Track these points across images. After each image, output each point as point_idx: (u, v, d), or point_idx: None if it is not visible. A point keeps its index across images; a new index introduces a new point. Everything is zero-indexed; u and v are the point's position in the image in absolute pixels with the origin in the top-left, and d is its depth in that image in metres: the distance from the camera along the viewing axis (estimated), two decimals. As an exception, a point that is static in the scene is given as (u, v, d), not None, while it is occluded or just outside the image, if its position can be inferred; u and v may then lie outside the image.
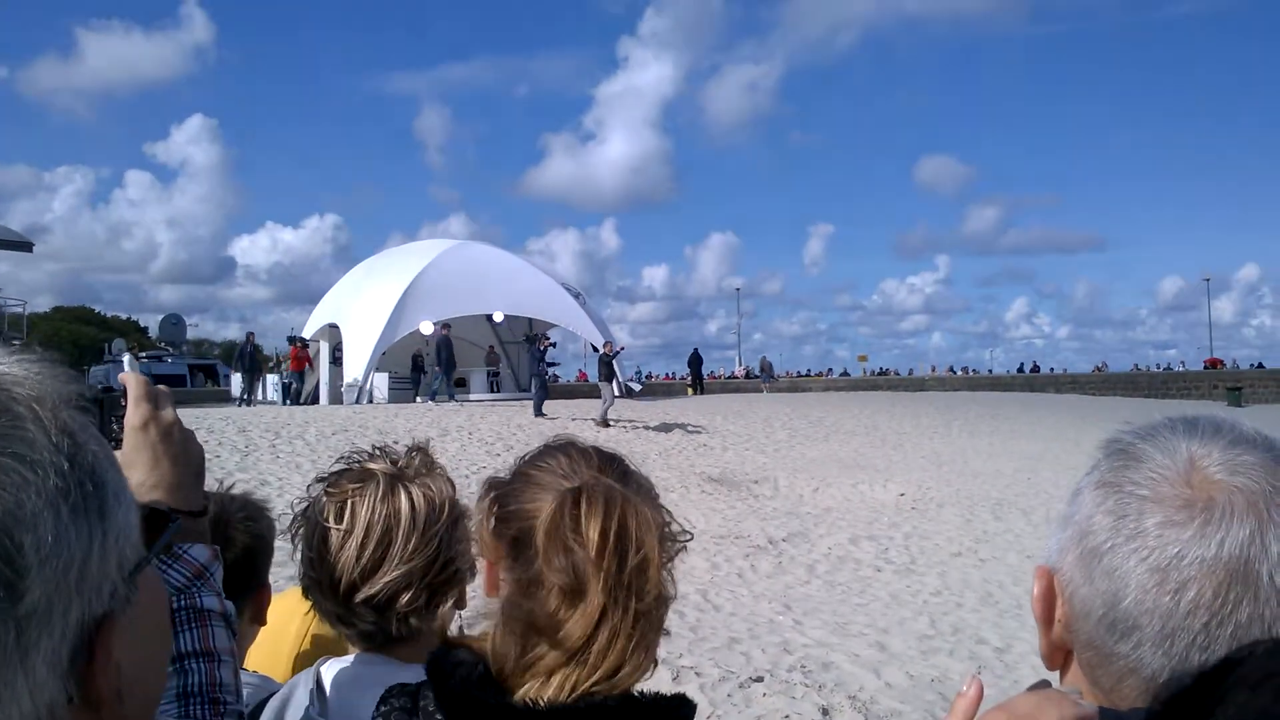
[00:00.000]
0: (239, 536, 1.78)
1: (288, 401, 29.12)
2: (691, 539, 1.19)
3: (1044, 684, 0.92)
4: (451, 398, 26.82)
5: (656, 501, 1.16)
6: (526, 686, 1.05)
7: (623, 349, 25.84)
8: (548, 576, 1.05)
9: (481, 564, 1.16)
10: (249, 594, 1.82)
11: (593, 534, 1.03)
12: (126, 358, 35.19)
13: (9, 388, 0.59)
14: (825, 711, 6.15)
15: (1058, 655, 0.95)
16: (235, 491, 1.97)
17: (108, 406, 1.16)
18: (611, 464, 1.18)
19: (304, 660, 1.97)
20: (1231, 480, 0.84)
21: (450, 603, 1.53)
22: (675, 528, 1.15)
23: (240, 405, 27.14)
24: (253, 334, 31.66)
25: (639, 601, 1.04)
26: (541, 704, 1.02)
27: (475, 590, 1.40)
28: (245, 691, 1.59)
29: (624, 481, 1.14)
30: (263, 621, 1.90)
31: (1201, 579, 0.82)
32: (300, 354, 29.47)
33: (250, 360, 29.89)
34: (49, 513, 0.56)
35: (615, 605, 1.03)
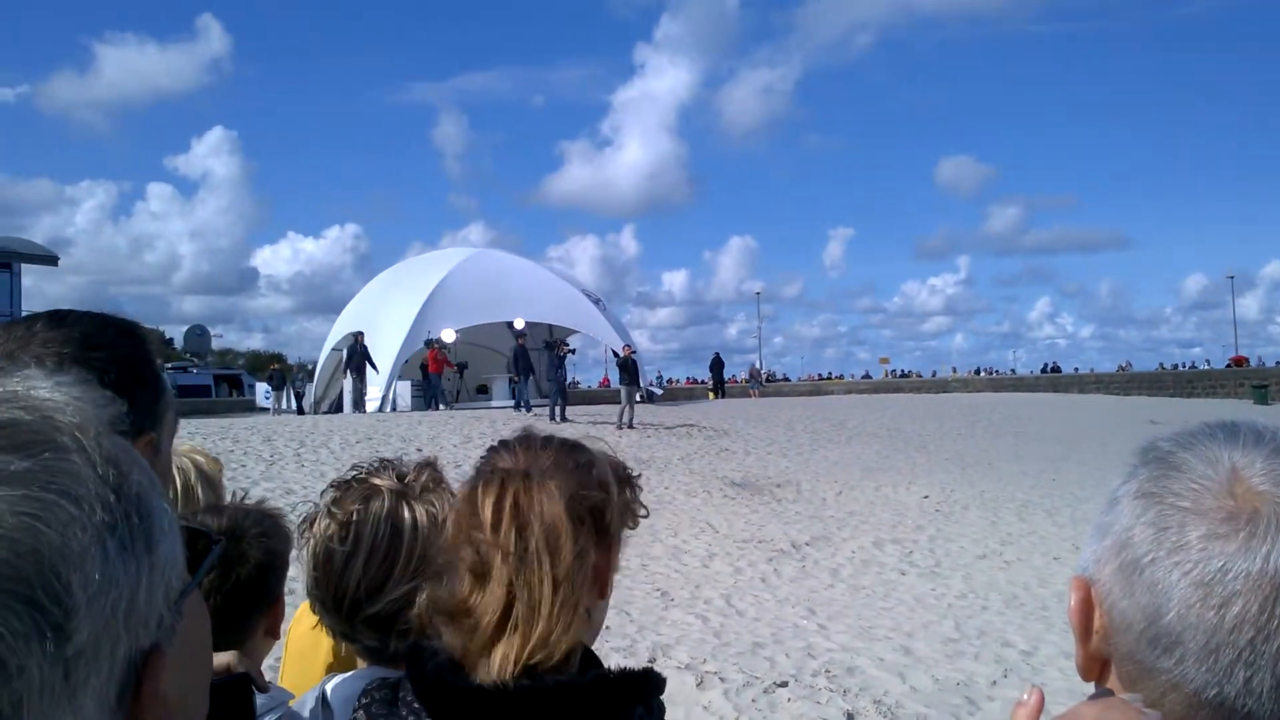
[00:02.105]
0: (253, 552, 1.78)
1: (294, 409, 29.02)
2: (647, 515, 1.23)
3: (1107, 692, 0.91)
4: (528, 407, 24.98)
5: (602, 475, 1.18)
6: (481, 667, 1.09)
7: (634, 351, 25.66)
8: (458, 563, 1.10)
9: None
10: (263, 608, 1.83)
11: (486, 515, 1.08)
12: None
13: (51, 415, 0.57)
14: (851, 716, 6.12)
15: (1094, 666, 0.94)
16: (251, 502, 1.97)
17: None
18: (551, 446, 1.21)
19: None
20: (1276, 491, 0.82)
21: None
22: (625, 500, 1.19)
23: (355, 412, 26.09)
24: (361, 334, 28.62)
25: (553, 570, 1.07)
26: (510, 685, 1.05)
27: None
28: (257, 701, 1.60)
29: (560, 459, 1.17)
30: (276, 635, 1.89)
31: (1247, 594, 0.79)
32: (439, 356, 27.87)
33: (361, 361, 27.74)
34: (96, 549, 0.54)
35: (524, 578, 1.07)
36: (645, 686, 1.11)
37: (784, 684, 6.72)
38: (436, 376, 27.76)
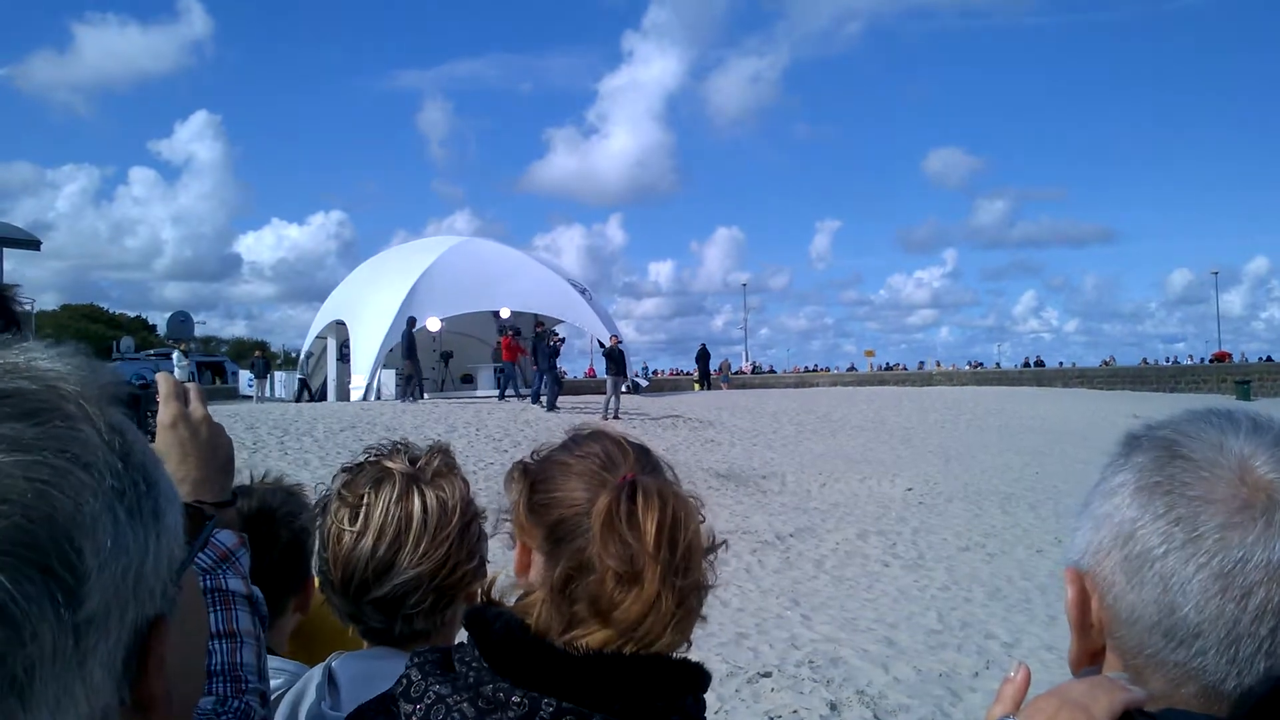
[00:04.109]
0: (283, 532, 1.80)
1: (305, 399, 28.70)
2: (703, 520, 1.24)
3: (1093, 671, 0.90)
4: (537, 398, 23.92)
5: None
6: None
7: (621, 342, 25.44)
8: (603, 563, 1.10)
9: (513, 545, 1.22)
10: (294, 586, 1.85)
11: (650, 527, 1.09)
12: (175, 354, 35.17)
13: (56, 384, 0.57)
14: (834, 706, 6.15)
15: (1088, 659, 0.93)
16: (270, 480, 1.99)
17: (144, 403, 1.19)
18: (644, 455, 1.23)
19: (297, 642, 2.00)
20: None
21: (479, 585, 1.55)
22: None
23: (409, 401, 24.47)
24: (414, 319, 27.03)
25: (683, 586, 1.11)
26: (580, 650, 1.09)
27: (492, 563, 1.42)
28: (282, 678, 1.61)
29: (656, 472, 1.21)
30: (306, 611, 1.92)
31: (1268, 583, 0.79)
32: (512, 344, 26.52)
33: (411, 346, 25.72)
34: (107, 516, 0.55)
35: (667, 590, 1.10)
36: (699, 678, 1.15)
37: (767, 674, 6.74)
38: (511, 365, 26.64)
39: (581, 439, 1.25)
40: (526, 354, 27.22)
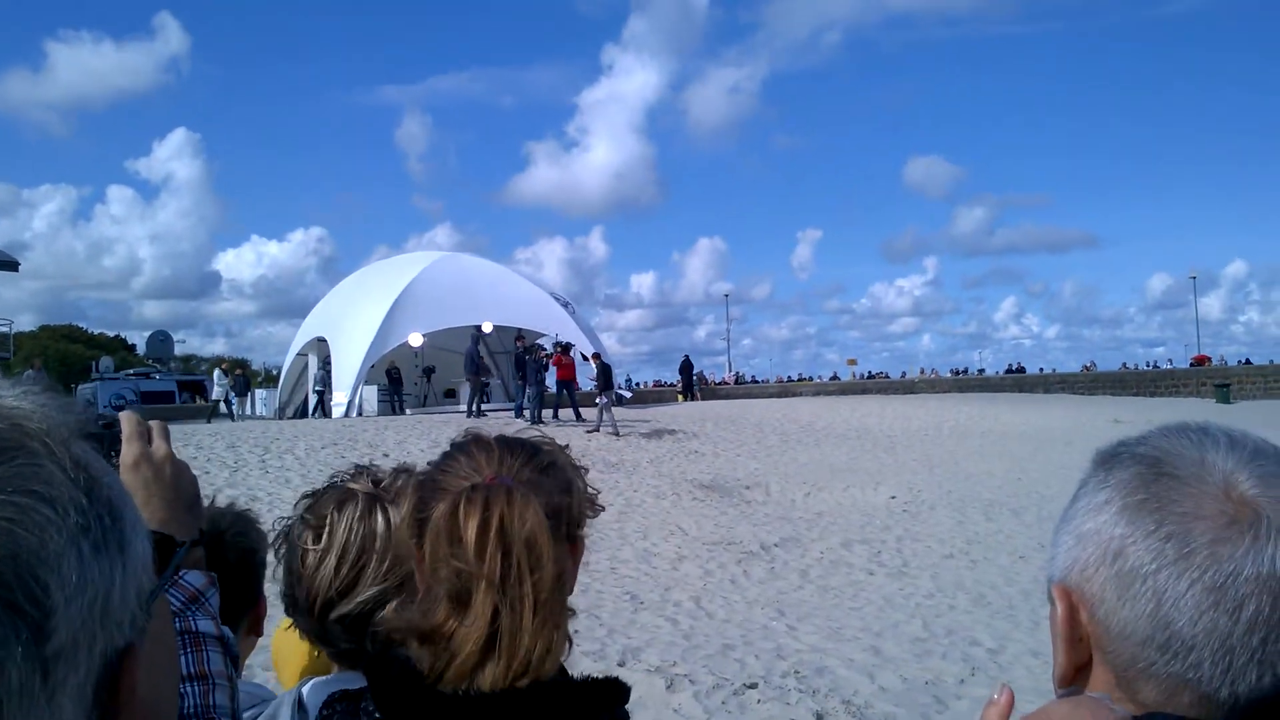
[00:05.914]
0: (231, 553, 1.79)
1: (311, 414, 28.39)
2: (598, 493, 1.18)
3: (1076, 690, 0.91)
4: (534, 417, 23.51)
5: (564, 474, 1.15)
6: (452, 684, 1.04)
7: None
8: (435, 586, 1.05)
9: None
10: (244, 608, 1.83)
11: (470, 538, 1.03)
12: (217, 373, 34.86)
13: (20, 422, 0.58)
14: (820, 717, 6.15)
15: (1073, 672, 0.93)
16: (222, 504, 1.98)
17: (108, 442, 1.18)
18: (513, 450, 1.16)
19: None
20: (1268, 493, 0.84)
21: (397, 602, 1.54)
22: (585, 493, 1.15)
23: (474, 416, 23.89)
24: (479, 330, 26.78)
25: (536, 590, 1.04)
26: (474, 691, 1.02)
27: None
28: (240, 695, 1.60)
29: (526, 465, 1.13)
30: (259, 633, 1.91)
31: (1259, 595, 0.81)
32: (564, 361, 25.53)
33: (476, 363, 25.40)
34: (72, 551, 0.55)
35: (507, 603, 1.03)
36: (611, 695, 1.09)
37: (753, 685, 6.73)
38: (565, 384, 25.65)
39: (453, 448, 1.18)
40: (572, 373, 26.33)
